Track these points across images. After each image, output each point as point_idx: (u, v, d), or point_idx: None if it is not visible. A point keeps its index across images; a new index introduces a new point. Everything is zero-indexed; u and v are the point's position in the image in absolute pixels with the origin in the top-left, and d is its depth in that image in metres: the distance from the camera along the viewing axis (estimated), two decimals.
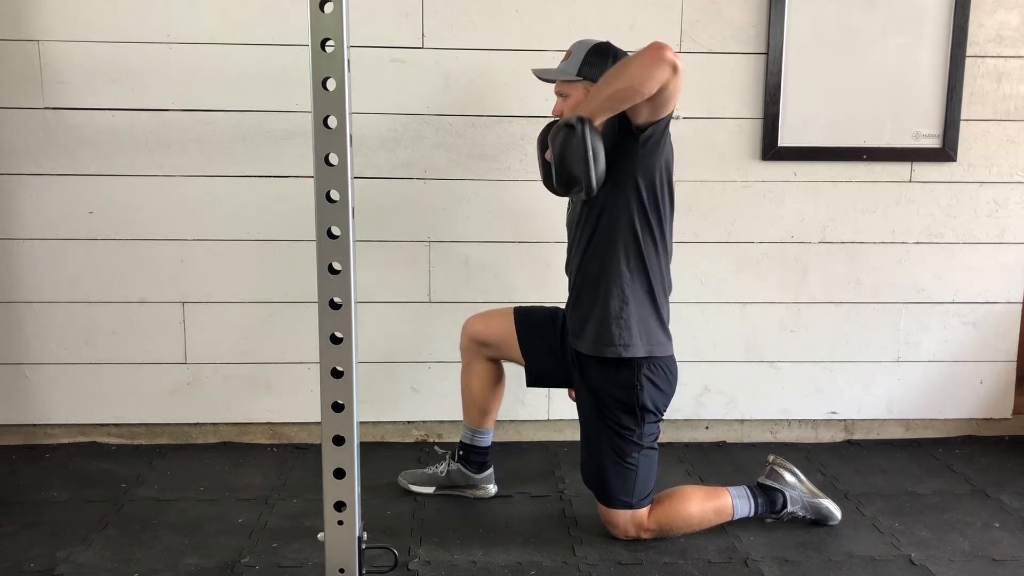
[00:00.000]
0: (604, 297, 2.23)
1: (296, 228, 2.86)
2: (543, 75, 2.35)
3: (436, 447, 2.76)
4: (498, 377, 2.59)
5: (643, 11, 2.82)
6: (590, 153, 2.04)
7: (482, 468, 2.61)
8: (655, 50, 2.01)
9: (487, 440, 2.60)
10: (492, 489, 2.63)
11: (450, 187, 2.89)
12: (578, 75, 2.25)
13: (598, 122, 2.08)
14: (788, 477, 2.44)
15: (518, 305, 2.57)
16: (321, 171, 1.60)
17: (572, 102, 2.27)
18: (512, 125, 2.86)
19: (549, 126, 2.27)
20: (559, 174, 2.09)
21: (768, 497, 2.41)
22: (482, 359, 2.56)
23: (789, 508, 2.41)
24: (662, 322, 2.29)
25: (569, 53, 2.31)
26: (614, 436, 2.26)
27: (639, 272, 2.23)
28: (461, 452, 2.61)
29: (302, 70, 2.71)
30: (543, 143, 2.23)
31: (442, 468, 2.63)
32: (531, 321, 2.49)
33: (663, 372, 2.28)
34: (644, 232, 2.21)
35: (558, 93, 2.33)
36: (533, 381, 2.51)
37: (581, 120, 2.04)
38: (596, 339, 2.24)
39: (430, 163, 2.88)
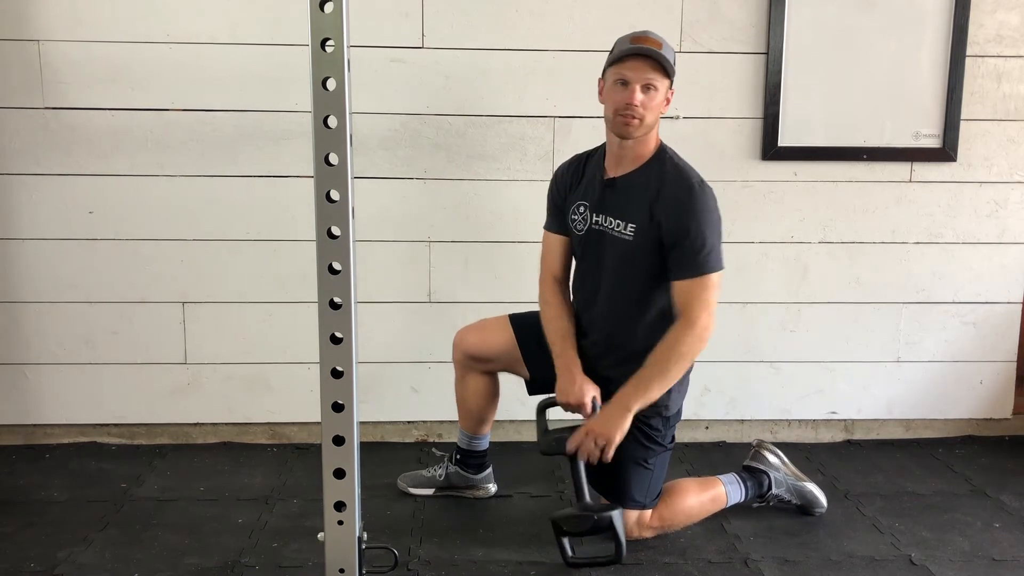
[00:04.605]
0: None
1: (296, 228, 2.86)
2: (657, 56, 2.08)
3: (434, 449, 2.76)
4: (494, 389, 2.54)
5: (643, 11, 2.82)
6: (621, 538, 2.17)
7: (480, 469, 2.61)
8: (700, 337, 2.13)
9: (484, 444, 2.59)
10: (492, 488, 2.63)
11: (450, 187, 2.89)
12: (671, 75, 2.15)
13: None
14: (771, 459, 2.47)
15: (511, 313, 2.51)
16: (321, 171, 1.60)
17: (658, 101, 2.13)
18: (512, 125, 2.86)
19: (543, 408, 2.38)
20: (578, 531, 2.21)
21: (755, 479, 2.44)
22: (477, 373, 2.50)
23: (774, 490, 2.43)
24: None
25: (660, 44, 2.10)
26: (642, 438, 2.25)
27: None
28: (459, 456, 2.61)
29: (302, 70, 2.70)
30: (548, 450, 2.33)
31: (440, 471, 2.62)
32: (531, 330, 2.43)
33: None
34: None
35: (647, 84, 2.09)
36: (535, 390, 2.48)
37: (610, 522, 2.15)
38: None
39: (430, 163, 2.88)
